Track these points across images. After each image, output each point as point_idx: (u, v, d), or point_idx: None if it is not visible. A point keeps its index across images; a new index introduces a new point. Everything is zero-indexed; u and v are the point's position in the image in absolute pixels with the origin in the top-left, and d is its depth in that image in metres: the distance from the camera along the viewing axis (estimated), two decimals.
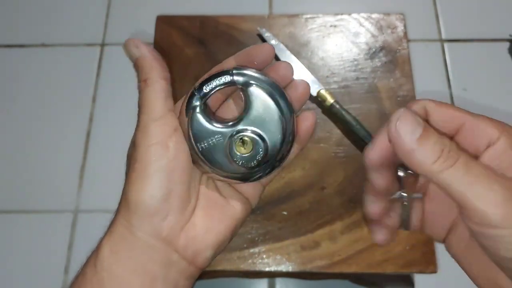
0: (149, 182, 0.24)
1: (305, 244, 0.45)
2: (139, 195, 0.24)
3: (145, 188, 0.24)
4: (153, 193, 0.24)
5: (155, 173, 0.24)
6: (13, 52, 0.60)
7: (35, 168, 0.54)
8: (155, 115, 0.26)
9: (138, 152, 0.25)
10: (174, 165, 0.25)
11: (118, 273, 0.24)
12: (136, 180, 0.25)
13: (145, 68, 0.28)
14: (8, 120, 0.56)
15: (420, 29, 0.59)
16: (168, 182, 0.25)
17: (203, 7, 0.61)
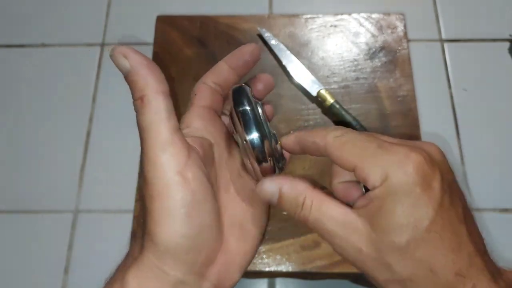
0: (177, 221, 0.22)
1: (305, 244, 0.45)
2: (169, 237, 0.22)
3: (174, 229, 0.22)
4: (184, 232, 0.22)
5: (181, 210, 0.22)
6: (13, 52, 0.60)
7: (35, 168, 0.54)
8: (162, 143, 0.23)
9: (154, 189, 0.23)
10: (199, 197, 0.23)
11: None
12: (161, 221, 0.22)
13: (138, 84, 0.24)
14: (8, 120, 0.56)
15: (420, 29, 0.59)
16: (197, 217, 0.23)
17: (203, 7, 0.61)
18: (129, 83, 0.24)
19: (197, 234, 0.23)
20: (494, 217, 0.50)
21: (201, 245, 0.23)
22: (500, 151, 0.53)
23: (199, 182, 0.23)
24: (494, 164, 0.52)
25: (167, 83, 0.25)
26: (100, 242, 0.50)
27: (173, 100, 0.39)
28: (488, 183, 0.51)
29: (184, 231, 0.22)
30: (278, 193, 0.26)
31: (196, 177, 0.23)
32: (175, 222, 0.22)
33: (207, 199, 0.24)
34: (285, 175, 0.27)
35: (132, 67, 0.24)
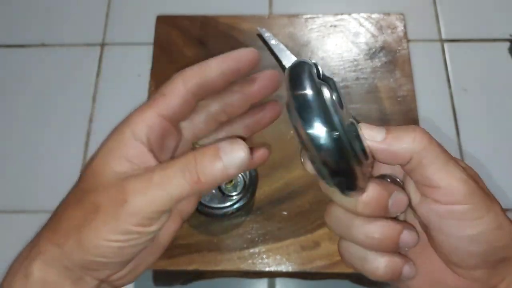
0: (110, 243, 0.22)
1: (305, 244, 0.45)
2: (98, 251, 0.22)
3: (105, 247, 0.22)
4: (109, 255, 0.22)
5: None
6: (13, 52, 0.60)
7: (35, 168, 0.54)
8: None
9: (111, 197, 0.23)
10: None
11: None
12: (101, 231, 0.22)
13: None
14: (8, 119, 0.56)
15: (420, 29, 0.59)
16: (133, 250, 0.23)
17: (203, 7, 0.61)
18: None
19: (124, 261, 0.23)
20: None
21: (112, 269, 0.24)
22: (500, 151, 0.53)
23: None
24: (494, 163, 0.52)
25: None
26: None
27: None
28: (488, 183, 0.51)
29: (111, 255, 0.22)
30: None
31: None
32: (109, 244, 0.22)
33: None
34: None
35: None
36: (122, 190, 0.22)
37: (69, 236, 0.23)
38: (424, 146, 0.22)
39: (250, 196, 0.44)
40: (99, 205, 0.23)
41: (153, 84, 0.53)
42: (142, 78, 0.56)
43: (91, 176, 0.24)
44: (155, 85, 0.53)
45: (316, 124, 0.18)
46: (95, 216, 0.22)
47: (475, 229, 0.22)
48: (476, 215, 0.22)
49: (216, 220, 0.45)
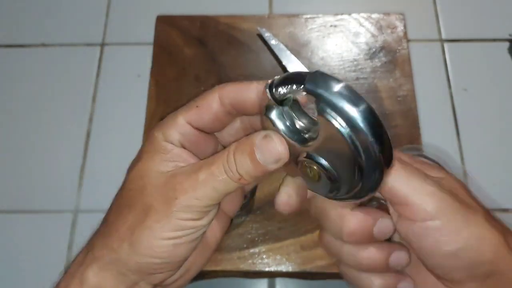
0: (164, 242, 0.23)
1: (305, 244, 0.45)
2: (149, 249, 0.23)
3: (159, 247, 0.23)
4: (163, 255, 0.23)
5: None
6: (12, 52, 0.60)
7: (34, 168, 0.54)
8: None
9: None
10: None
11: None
12: (153, 229, 0.22)
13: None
14: (8, 120, 0.56)
15: (420, 29, 0.59)
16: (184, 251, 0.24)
17: (203, 7, 0.61)
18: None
19: (178, 262, 0.24)
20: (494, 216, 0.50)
21: (172, 268, 0.24)
22: (500, 151, 0.53)
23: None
24: (494, 164, 0.52)
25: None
26: None
27: (173, 100, 0.39)
28: (488, 183, 0.51)
29: (164, 256, 0.23)
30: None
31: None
32: (162, 245, 0.23)
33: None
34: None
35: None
36: (171, 187, 0.23)
37: (123, 240, 0.23)
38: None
39: (250, 196, 0.44)
40: (150, 205, 0.23)
41: (153, 84, 0.53)
42: (142, 78, 0.56)
43: (138, 178, 0.25)
44: (155, 85, 0.53)
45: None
46: (146, 217, 0.23)
47: (453, 245, 0.21)
48: (451, 230, 0.21)
49: None
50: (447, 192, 0.22)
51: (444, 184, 0.23)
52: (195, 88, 0.53)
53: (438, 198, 0.21)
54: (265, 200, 0.47)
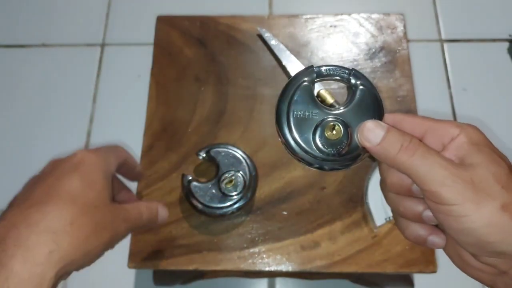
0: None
1: (305, 244, 0.45)
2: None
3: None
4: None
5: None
6: (13, 52, 0.60)
7: (35, 168, 0.54)
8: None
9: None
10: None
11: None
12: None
13: None
14: (9, 119, 0.56)
15: (420, 29, 0.60)
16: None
17: (203, 8, 0.61)
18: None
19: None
20: None
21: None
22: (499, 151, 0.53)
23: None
24: None
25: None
26: None
27: (173, 100, 0.39)
28: None
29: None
30: (385, 131, 0.27)
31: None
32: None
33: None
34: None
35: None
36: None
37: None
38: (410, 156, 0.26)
39: (250, 196, 0.44)
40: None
41: (153, 84, 0.53)
42: (142, 78, 0.56)
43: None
44: (155, 85, 0.53)
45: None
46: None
47: (461, 225, 0.25)
48: (461, 213, 0.24)
49: (216, 220, 0.46)
50: (462, 179, 0.25)
51: (463, 151, 0.26)
52: (195, 88, 0.53)
53: (451, 187, 0.25)
54: (265, 200, 0.47)
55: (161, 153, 0.49)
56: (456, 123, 0.28)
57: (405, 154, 0.26)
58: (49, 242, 0.26)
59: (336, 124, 0.28)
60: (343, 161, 0.29)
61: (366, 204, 0.46)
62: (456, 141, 0.27)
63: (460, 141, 0.27)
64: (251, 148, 0.47)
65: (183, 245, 0.45)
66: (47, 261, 0.26)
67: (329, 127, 0.28)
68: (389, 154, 0.27)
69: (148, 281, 0.55)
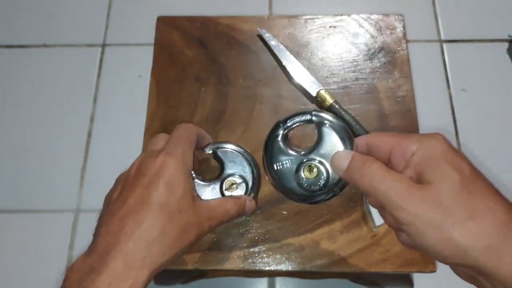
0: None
1: (304, 243, 0.45)
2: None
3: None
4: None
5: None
6: (14, 52, 0.61)
7: (36, 168, 0.54)
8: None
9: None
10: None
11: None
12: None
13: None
14: (10, 120, 0.56)
15: (419, 29, 0.60)
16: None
17: (203, 8, 0.61)
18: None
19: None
20: None
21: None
22: (499, 151, 0.53)
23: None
24: (492, 163, 0.53)
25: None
26: None
27: (174, 101, 0.39)
28: None
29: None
30: (350, 158, 0.31)
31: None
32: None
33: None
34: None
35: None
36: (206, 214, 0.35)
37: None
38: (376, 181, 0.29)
39: (255, 196, 0.44)
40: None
41: (153, 84, 0.53)
42: (142, 78, 0.57)
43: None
44: (156, 85, 0.53)
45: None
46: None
47: (420, 242, 0.27)
48: (418, 232, 0.27)
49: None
50: (418, 199, 0.27)
51: (421, 165, 0.28)
52: (196, 88, 0.53)
53: (408, 211, 0.27)
54: (265, 200, 0.47)
55: None
56: (417, 138, 0.30)
57: (365, 179, 0.29)
58: (143, 249, 0.30)
59: (312, 164, 0.33)
60: (329, 192, 0.34)
61: (366, 203, 0.46)
62: (414, 157, 0.29)
63: (418, 157, 0.29)
64: (251, 148, 0.48)
65: None
66: (142, 266, 0.29)
67: (307, 168, 0.33)
68: (355, 179, 0.30)
69: None
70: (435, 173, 0.27)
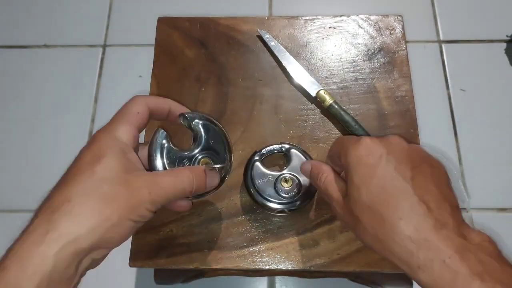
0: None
1: (304, 242, 0.45)
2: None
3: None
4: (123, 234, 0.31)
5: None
6: (15, 52, 0.61)
7: (37, 168, 0.54)
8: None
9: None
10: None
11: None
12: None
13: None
14: (11, 120, 0.57)
15: (419, 30, 0.60)
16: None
17: (203, 9, 0.62)
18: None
19: (122, 242, 0.31)
20: (492, 216, 0.51)
21: (115, 246, 0.31)
22: (497, 151, 0.54)
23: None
24: (491, 163, 0.53)
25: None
26: None
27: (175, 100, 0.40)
28: (485, 182, 0.52)
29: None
30: (310, 167, 0.41)
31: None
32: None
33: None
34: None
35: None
36: (144, 183, 0.32)
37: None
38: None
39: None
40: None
41: (154, 85, 0.53)
42: (143, 78, 0.57)
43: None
44: (156, 85, 0.53)
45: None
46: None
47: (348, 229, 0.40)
48: (344, 223, 0.37)
49: (215, 219, 0.46)
50: (345, 194, 0.35)
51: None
52: (196, 88, 0.53)
53: (341, 205, 0.36)
54: None
55: None
56: (352, 140, 0.35)
57: (319, 181, 0.38)
58: (50, 224, 0.28)
59: (287, 176, 0.43)
60: (304, 198, 0.43)
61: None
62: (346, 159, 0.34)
63: (348, 159, 0.34)
64: (251, 148, 0.48)
65: (184, 244, 0.45)
66: (49, 241, 0.27)
67: (283, 180, 0.43)
68: (315, 183, 0.39)
69: (149, 279, 0.55)
70: (356, 173, 0.33)
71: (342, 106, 0.50)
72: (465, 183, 0.52)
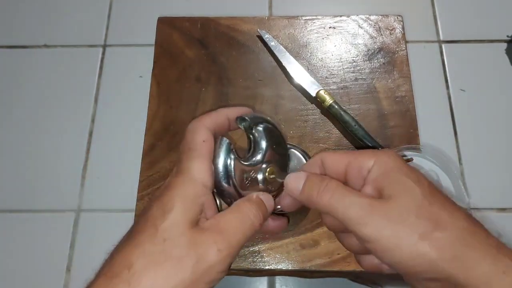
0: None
1: (304, 242, 0.45)
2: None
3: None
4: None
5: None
6: (15, 53, 0.61)
7: (37, 168, 0.54)
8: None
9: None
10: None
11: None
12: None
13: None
14: (11, 120, 0.57)
15: (418, 30, 0.60)
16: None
17: (203, 9, 0.62)
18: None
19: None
20: (491, 216, 0.51)
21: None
22: (497, 151, 0.54)
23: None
24: (491, 163, 0.53)
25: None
26: (102, 241, 0.50)
27: (174, 101, 0.40)
28: (485, 182, 0.52)
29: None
30: (304, 180, 0.30)
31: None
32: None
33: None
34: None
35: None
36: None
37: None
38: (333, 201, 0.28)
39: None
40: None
41: (154, 85, 0.53)
42: (143, 79, 0.57)
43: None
44: (156, 85, 0.53)
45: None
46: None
47: (387, 260, 0.26)
48: (383, 249, 0.26)
49: None
50: (380, 215, 0.26)
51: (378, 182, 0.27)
52: (196, 88, 0.53)
53: (371, 227, 0.26)
54: None
55: (162, 153, 0.50)
56: (371, 153, 0.29)
57: (324, 197, 0.28)
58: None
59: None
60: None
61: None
62: (371, 173, 0.28)
63: (375, 172, 0.28)
64: None
65: None
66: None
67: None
68: (312, 199, 0.29)
69: None
70: (395, 187, 0.27)
71: (342, 106, 0.50)
72: (465, 183, 0.52)
